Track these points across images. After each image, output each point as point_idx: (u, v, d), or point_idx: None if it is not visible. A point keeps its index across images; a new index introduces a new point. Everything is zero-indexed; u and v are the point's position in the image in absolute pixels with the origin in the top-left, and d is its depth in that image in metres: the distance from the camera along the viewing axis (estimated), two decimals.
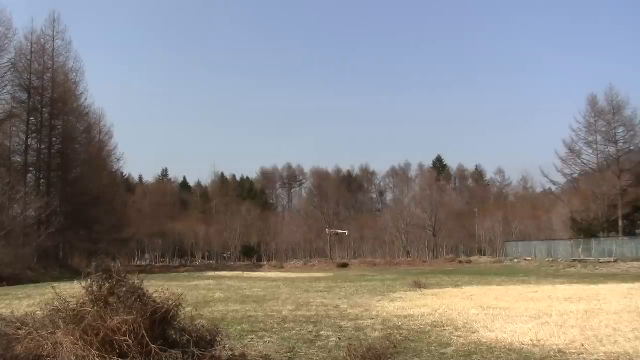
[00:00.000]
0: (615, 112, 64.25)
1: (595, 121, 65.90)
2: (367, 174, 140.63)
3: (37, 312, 9.36)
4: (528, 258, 62.16)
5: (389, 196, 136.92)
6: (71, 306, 8.08)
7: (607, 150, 65.62)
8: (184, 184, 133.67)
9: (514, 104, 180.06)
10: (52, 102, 58.18)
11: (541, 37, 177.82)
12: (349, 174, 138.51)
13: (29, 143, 56.84)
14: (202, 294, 23.68)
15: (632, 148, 63.63)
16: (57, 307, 8.24)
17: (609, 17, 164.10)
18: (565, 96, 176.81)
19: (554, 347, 10.22)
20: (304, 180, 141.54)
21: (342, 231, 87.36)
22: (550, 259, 58.20)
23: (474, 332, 12.13)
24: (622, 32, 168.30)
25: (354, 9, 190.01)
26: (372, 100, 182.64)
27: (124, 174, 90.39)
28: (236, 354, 8.90)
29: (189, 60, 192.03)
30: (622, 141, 63.82)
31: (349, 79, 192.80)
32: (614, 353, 9.62)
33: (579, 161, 67.70)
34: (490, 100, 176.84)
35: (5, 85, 54.26)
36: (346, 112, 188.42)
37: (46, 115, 58.41)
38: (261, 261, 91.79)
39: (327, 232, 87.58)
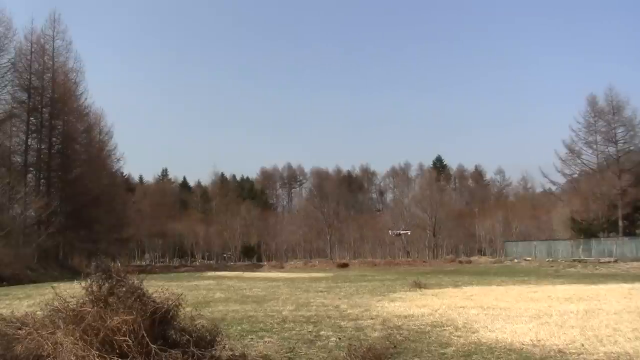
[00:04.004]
0: (615, 112, 64.28)
1: (595, 121, 65.93)
2: (367, 174, 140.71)
3: (37, 312, 9.36)
4: (528, 258, 62.14)
5: (389, 196, 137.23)
6: (71, 306, 8.08)
7: (607, 150, 65.68)
8: (184, 184, 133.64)
9: (513, 104, 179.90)
10: (52, 102, 58.20)
11: (541, 37, 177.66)
12: (349, 174, 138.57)
13: (29, 143, 56.86)
14: (202, 294, 23.69)
15: (632, 148, 63.65)
16: (57, 307, 8.24)
17: (609, 17, 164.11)
18: (565, 96, 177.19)
19: (554, 347, 10.22)
20: (304, 180, 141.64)
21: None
22: (550, 259, 58.23)
23: (474, 332, 12.13)
24: (623, 32, 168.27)
25: (353, 9, 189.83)
26: (372, 100, 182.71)
27: (124, 174, 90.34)
28: (236, 354, 8.91)
29: (189, 60, 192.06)
30: (622, 141, 63.86)
31: (349, 79, 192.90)
32: (614, 353, 9.62)
33: (579, 161, 67.76)
34: (490, 100, 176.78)
35: (5, 85, 54.34)
36: (346, 112, 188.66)
37: (46, 115, 58.42)
38: (261, 261, 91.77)
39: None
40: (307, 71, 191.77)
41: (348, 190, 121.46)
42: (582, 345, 10.36)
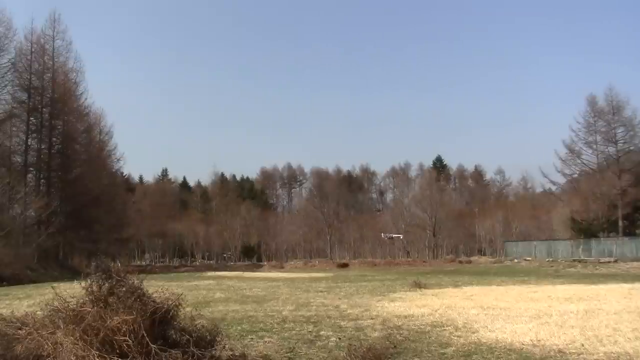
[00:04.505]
0: (615, 112, 64.23)
1: (595, 121, 65.90)
2: (367, 174, 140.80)
3: (37, 312, 9.36)
4: (528, 258, 62.10)
5: (389, 196, 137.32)
6: (71, 306, 8.08)
7: (607, 150, 65.65)
8: (184, 184, 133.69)
9: (513, 104, 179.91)
10: (52, 102, 58.21)
11: (541, 37, 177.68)
12: (349, 174, 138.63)
13: (29, 143, 56.86)
14: (202, 294, 23.70)
15: (632, 148, 63.61)
16: (57, 307, 8.24)
17: (609, 17, 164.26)
18: (565, 96, 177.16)
19: (554, 347, 10.22)
20: (304, 180, 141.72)
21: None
22: (550, 259, 58.21)
23: (474, 332, 12.13)
24: (623, 32, 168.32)
25: (353, 9, 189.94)
26: (372, 100, 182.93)
27: (124, 174, 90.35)
28: (236, 354, 8.91)
29: (189, 60, 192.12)
30: (622, 141, 63.82)
31: (349, 79, 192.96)
32: (613, 353, 9.62)
33: (579, 161, 67.73)
34: (490, 100, 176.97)
35: (5, 85, 54.32)
36: (346, 112, 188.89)
37: (46, 115, 58.43)
38: (261, 261, 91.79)
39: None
40: (307, 71, 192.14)
41: (348, 190, 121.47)
42: (582, 345, 10.36)
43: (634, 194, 60.71)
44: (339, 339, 11.46)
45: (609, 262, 51.45)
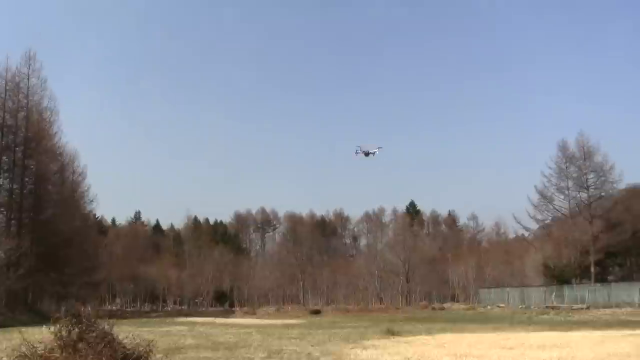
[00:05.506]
0: (585, 157, 65.25)
1: (567, 167, 66.87)
2: (341, 219, 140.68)
3: (4, 359, 9.18)
4: (501, 305, 62.24)
5: (362, 241, 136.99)
6: (39, 352, 7.96)
7: (578, 195, 66.49)
8: (157, 227, 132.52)
9: (487, 151, 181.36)
10: (25, 141, 57.84)
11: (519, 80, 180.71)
12: (323, 218, 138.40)
13: (0, 182, 56.26)
14: (173, 340, 23.36)
15: (602, 194, 64.50)
16: (25, 352, 8.11)
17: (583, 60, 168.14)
18: (539, 142, 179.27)
19: None
20: (278, 225, 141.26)
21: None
22: (523, 306, 58.45)
23: None
24: (593, 74, 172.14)
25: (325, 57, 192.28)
26: (346, 145, 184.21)
27: (97, 217, 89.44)
28: None
29: (166, 100, 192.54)
30: (593, 187, 64.71)
31: (324, 124, 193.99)
32: None
33: (551, 207, 68.47)
34: (464, 146, 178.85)
35: None
36: (320, 157, 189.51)
37: (19, 154, 57.98)
38: (233, 307, 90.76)
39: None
40: (286, 115, 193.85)
41: (322, 235, 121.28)
42: None
43: (606, 240, 61.36)
44: None
45: (581, 308, 51.83)
